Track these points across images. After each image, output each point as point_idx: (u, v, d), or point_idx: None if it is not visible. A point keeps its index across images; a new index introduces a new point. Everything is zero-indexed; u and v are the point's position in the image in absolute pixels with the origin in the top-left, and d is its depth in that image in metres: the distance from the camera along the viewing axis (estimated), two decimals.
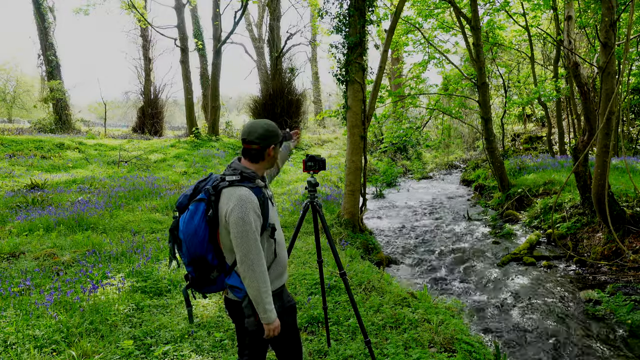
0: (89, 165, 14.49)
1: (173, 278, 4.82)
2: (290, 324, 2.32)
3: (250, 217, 2.02)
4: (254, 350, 2.26)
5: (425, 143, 22.53)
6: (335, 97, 32.93)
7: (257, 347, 2.26)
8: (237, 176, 2.12)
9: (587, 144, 7.00)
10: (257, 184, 2.16)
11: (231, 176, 2.12)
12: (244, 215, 2.01)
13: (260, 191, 2.14)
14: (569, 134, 17.78)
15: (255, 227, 2.04)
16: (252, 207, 2.04)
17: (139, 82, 29.16)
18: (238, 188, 2.08)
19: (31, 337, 3.41)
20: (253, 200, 2.06)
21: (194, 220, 2.07)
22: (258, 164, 2.23)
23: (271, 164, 2.29)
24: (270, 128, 2.21)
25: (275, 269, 2.24)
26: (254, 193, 2.09)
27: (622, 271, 6.22)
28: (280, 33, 24.79)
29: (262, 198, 2.13)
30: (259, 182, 2.17)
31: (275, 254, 2.22)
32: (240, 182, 2.10)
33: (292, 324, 2.35)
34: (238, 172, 2.14)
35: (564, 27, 8.18)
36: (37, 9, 23.63)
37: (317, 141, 24.57)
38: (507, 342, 4.54)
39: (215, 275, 2.15)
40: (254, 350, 2.26)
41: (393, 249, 8.11)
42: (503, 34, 15.48)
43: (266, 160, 2.24)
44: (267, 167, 2.28)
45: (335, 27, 7.84)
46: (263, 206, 2.12)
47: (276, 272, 2.25)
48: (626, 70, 12.91)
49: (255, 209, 2.06)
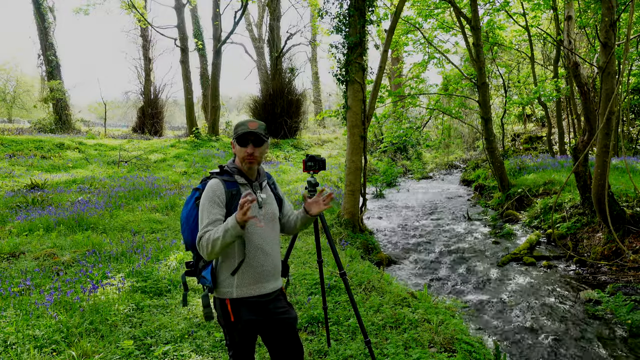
0: (89, 165, 14.49)
1: (173, 278, 4.82)
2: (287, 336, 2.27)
3: (207, 202, 2.12)
4: (234, 346, 2.22)
5: (425, 143, 22.53)
6: (335, 97, 32.94)
7: (235, 344, 2.21)
8: (218, 169, 2.27)
9: (587, 144, 7.00)
10: (235, 179, 2.22)
11: (216, 170, 2.28)
12: (203, 202, 2.14)
13: (234, 185, 2.21)
14: (569, 134, 17.78)
15: (209, 209, 2.11)
16: (213, 193, 2.14)
17: (139, 82, 29.19)
18: (213, 179, 2.22)
19: (31, 337, 3.41)
20: (215, 189, 2.15)
21: (187, 207, 2.27)
22: (236, 158, 2.30)
23: (239, 158, 2.24)
24: (235, 124, 2.28)
25: (247, 273, 2.16)
26: (224, 184, 2.18)
27: (622, 271, 6.22)
28: (280, 33, 24.81)
29: (234, 192, 2.18)
30: (237, 178, 2.23)
31: (244, 253, 2.16)
32: (219, 174, 2.24)
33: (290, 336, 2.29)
34: (223, 166, 2.28)
35: (564, 27, 8.18)
36: (37, 9, 23.63)
37: (317, 141, 24.58)
38: (507, 342, 4.54)
39: (202, 264, 2.24)
40: (234, 347, 2.22)
41: (393, 249, 8.11)
42: (503, 34, 15.48)
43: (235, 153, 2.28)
44: (240, 161, 2.24)
45: (335, 27, 7.84)
46: (232, 200, 2.16)
47: (248, 277, 2.16)
48: (626, 70, 12.90)
49: (216, 197, 2.14)
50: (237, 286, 2.16)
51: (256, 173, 2.31)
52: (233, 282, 2.16)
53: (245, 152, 2.20)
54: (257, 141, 2.21)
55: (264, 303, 2.21)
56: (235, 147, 2.24)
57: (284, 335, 2.27)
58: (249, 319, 2.17)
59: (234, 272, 2.15)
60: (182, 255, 5.54)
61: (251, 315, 2.17)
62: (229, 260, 2.17)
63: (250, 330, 2.20)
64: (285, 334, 2.27)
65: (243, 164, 2.24)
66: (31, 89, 33.42)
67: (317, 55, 34.11)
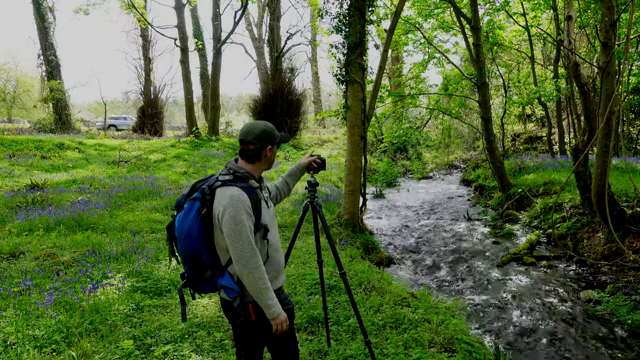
0: (89, 165, 14.49)
1: (173, 278, 4.82)
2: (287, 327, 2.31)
3: (242, 216, 2.03)
4: (250, 350, 2.26)
5: (425, 143, 22.52)
6: (335, 97, 32.95)
7: (252, 348, 2.25)
8: (230, 176, 2.13)
9: (587, 144, 6.99)
10: (250, 184, 2.16)
11: (224, 176, 2.14)
12: (236, 214, 2.02)
13: (252, 191, 2.14)
14: (569, 134, 17.78)
15: (249, 225, 2.05)
16: (244, 206, 2.05)
17: (139, 82, 29.21)
18: (230, 188, 2.09)
19: (31, 337, 3.41)
20: (244, 200, 2.06)
21: (187, 218, 2.08)
22: (254, 164, 2.23)
23: (268, 165, 2.29)
24: (268, 129, 2.23)
25: (268, 272, 2.20)
26: (245, 192, 2.10)
27: (622, 271, 6.22)
28: (280, 33, 24.79)
29: (255, 198, 2.13)
30: (252, 183, 2.17)
31: (267, 255, 2.19)
32: (233, 182, 2.11)
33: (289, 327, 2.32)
34: (232, 172, 2.16)
35: (564, 27, 8.18)
36: (37, 9, 23.63)
37: (317, 141, 24.58)
38: (507, 342, 4.54)
39: (210, 274, 2.16)
40: (249, 351, 2.26)
41: (393, 249, 8.11)
42: (503, 34, 15.48)
43: (263, 161, 2.25)
44: (264, 168, 2.28)
45: (335, 27, 7.84)
46: (255, 206, 2.12)
47: (269, 274, 2.20)
48: (626, 70, 12.90)
49: (247, 208, 2.06)
50: None
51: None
52: None
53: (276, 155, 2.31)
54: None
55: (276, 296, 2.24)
56: (272, 152, 2.28)
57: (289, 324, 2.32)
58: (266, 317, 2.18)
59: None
60: None
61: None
62: None
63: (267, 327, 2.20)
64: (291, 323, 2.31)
65: (267, 166, 2.29)
66: (31, 89, 33.41)
67: (317, 55, 34.15)
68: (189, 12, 24.31)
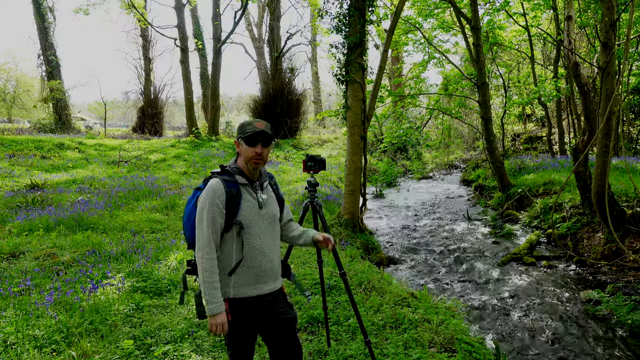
0: (89, 165, 14.49)
1: (173, 278, 4.82)
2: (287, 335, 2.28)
3: (207, 204, 2.10)
4: (233, 345, 2.21)
5: (425, 143, 22.53)
6: (335, 97, 32.97)
7: (233, 344, 2.20)
8: (219, 169, 2.25)
9: (587, 144, 6.99)
10: (235, 178, 2.19)
11: (217, 170, 2.26)
12: (203, 203, 2.11)
13: (234, 185, 2.17)
14: (569, 134, 17.78)
15: (211, 216, 2.09)
16: (214, 196, 2.11)
17: (139, 82, 29.20)
18: (213, 179, 2.19)
19: (31, 337, 3.41)
20: (217, 190, 2.12)
21: (189, 206, 2.28)
22: (238, 159, 2.28)
23: (245, 160, 2.20)
24: (242, 124, 2.25)
25: (245, 273, 2.15)
26: (225, 184, 2.14)
27: (622, 271, 6.22)
28: (280, 33, 24.79)
29: (234, 192, 2.15)
30: (238, 178, 2.19)
31: (242, 253, 2.14)
32: (220, 174, 2.20)
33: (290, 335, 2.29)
34: (224, 166, 2.26)
35: (564, 27, 8.17)
36: (37, 9, 23.62)
37: (317, 141, 24.58)
38: (507, 342, 4.54)
39: None
40: (233, 346, 2.21)
41: (393, 249, 8.11)
42: (503, 34, 15.48)
43: (239, 152, 2.26)
44: (244, 163, 2.22)
45: (335, 27, 7.84)
46: (231, 200, 2.13)
47: (246, 277, 2.16)
48: (626, 70, 12.90)
49: (216, 199, 2.10)
50: (234, 286, 2.15)
51: (258, 173, 2.28)
52: (230, 282, 2.15)
53: (254, 151, 2.17)
54: (266, 141, 2.20)
55: (263, 303, 2.21)
56: (241, 146, 2.21)
57: (283, 335, 2.27)
58: (247, 319, 2.17)
59: (231, 272, 2.14)
60: (182, 255, 5.54)
61: (249, 315, 2.17)
62: (226, 260, 2.15)
63: (248, 330, 2.19)
64: (284, 334, 2.27)
65: (248, 164, 2.20)
66: (31, 89, 33.39)
67: (317, 55, 34.12)
68: (189, 12, 24.32)
